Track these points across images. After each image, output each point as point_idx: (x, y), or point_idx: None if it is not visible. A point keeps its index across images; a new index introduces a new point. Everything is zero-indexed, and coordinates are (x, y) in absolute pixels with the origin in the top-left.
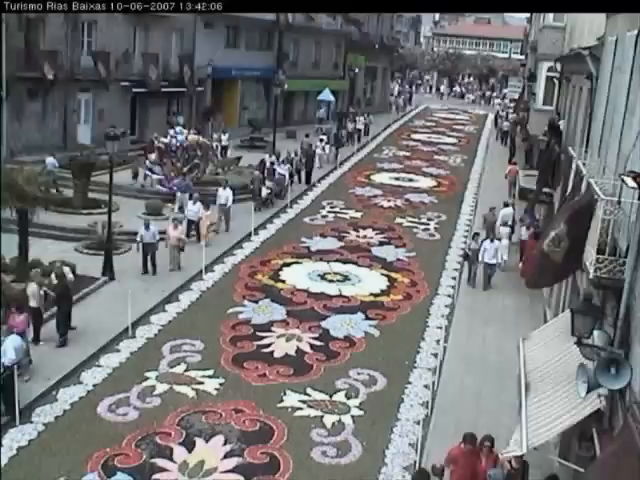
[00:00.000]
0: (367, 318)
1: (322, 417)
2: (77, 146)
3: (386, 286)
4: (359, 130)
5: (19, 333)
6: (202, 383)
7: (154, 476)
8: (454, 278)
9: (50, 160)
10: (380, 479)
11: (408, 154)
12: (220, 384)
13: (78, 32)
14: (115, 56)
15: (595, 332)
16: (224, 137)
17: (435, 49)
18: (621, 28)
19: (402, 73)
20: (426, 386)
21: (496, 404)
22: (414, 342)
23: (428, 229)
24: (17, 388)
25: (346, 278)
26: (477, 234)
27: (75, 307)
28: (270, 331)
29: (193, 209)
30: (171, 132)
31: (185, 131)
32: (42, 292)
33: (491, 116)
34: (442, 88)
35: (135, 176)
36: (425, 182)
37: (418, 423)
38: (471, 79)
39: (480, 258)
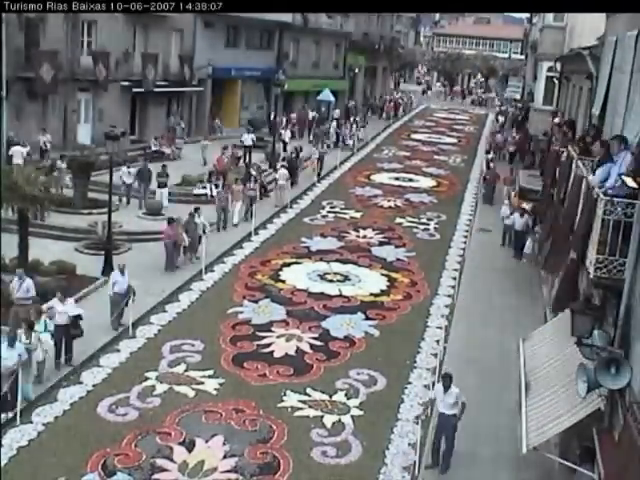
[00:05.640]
0: (367, 318)
1: (322, 417)
2: (77, 146)
3: (386, 286)
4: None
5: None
6: (202, 383)
7: (154, 476)
8: (454, 278)
9: None
10: (380, 479)
11: (408, 154)
12: (220, 384)
13: (78, 32)
14: (115, 56)
15: (595, 332)
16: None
17: (435, 49)
18: (621, 28)
19: (402, 73)
20: (426, 386)
21: (496, 404)
22: (414, 342)
23: (428, 229)
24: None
25: (346, 278)
26: None
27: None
28: (270, 331)
29: None
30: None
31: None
32: None
33: (491, 116)
34: (440, 86)
35: None
36: (425, 182)
37: (418, 423)
38: (474, 79)
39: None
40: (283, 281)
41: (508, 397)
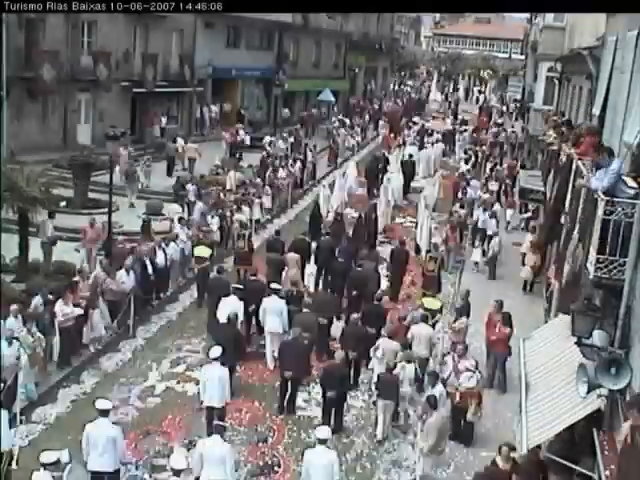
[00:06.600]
0: None
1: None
2: (77, 146)
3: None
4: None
5: None
6: None
7: (154, 476)
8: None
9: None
10: (382, 478)
11: None
12: None
13: (78, 32)
14: (115, 56)
15: (595, 332)
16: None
17: (435, 49)
18: (621, 28)
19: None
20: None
21: (496, 404)
22: None
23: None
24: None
25: None
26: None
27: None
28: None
29: None
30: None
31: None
32: None
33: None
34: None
35: None
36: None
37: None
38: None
39: None
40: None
41: (508, 397)
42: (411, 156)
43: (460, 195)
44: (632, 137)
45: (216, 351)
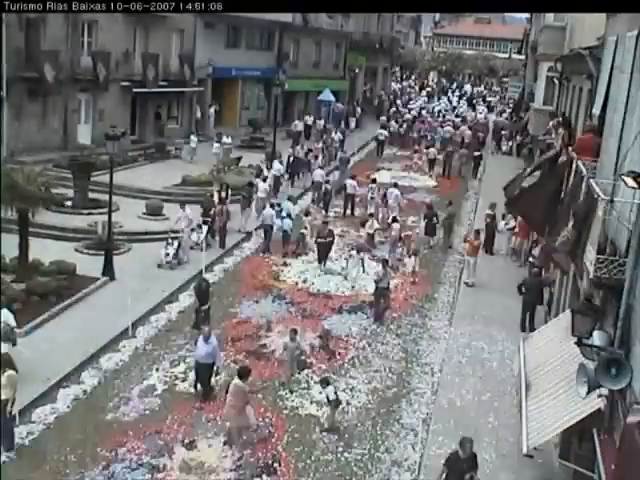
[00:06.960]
0: (368, 318)
1: (324, 415)
2: (77, 146)
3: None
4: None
5: None
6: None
7: (155, 475)
8: (454, 277)
9: None
10: (383, 477)
11: (408, 153)
12: (221, 383)
13: (78, 32)
14: (115, 56)
15: (595, 332)
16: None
17: (435, 49)
18: (621, 28)
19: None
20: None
21: (496, 404)
22: (415, 341)
23: None
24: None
25: (347, 278)
26: None
27: (75, 307)
28: (270, 330)
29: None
30: None
31: None
32: None
33: (492, 117)
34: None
35: None
36: (426, 181)
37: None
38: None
39: None
40: (284, 280)
41: (508, 397)
42: None
43: None
44: (632, 137)
45: None
